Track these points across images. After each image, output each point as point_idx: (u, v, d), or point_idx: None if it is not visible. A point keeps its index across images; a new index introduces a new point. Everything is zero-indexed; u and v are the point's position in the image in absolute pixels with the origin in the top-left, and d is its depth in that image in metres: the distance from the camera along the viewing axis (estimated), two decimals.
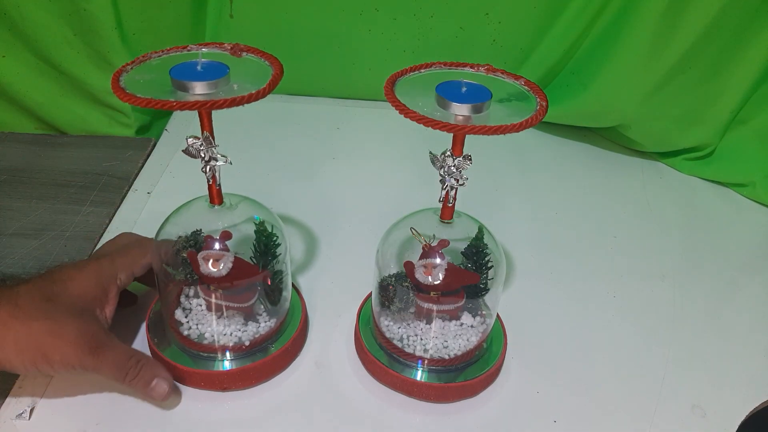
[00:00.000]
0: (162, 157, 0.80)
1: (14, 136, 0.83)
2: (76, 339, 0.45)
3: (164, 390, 0.48)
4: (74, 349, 0.45)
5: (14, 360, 0.45)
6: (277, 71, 0.45)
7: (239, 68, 0.45)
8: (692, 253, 0.72)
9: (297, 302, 0.58)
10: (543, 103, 0.45)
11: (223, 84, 0.43)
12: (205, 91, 0.43)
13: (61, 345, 0.45)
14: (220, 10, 0.86)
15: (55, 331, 0.45)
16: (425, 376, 0.53)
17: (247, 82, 0.43)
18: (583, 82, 0.81)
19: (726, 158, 0.84)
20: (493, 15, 0.83)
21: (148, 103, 0.41)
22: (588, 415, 0.53)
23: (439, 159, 0.46)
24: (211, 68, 0.44)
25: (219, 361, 0.52)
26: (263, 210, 0.53)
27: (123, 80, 0.43)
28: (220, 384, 0.52)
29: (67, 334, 0.45)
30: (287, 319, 0.56)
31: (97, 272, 0.50)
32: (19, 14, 0.76)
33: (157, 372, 0.48)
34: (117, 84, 0.42)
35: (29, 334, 0.44)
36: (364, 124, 0.90)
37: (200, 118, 0.45)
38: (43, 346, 0.45)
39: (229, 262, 0.49)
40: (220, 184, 0.48)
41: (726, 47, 0.75)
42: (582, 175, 0.84)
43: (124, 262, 0.51)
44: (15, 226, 0.68)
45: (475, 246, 0.52)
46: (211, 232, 0.50)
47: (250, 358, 0.53)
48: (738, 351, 0.60)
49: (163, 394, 0.48)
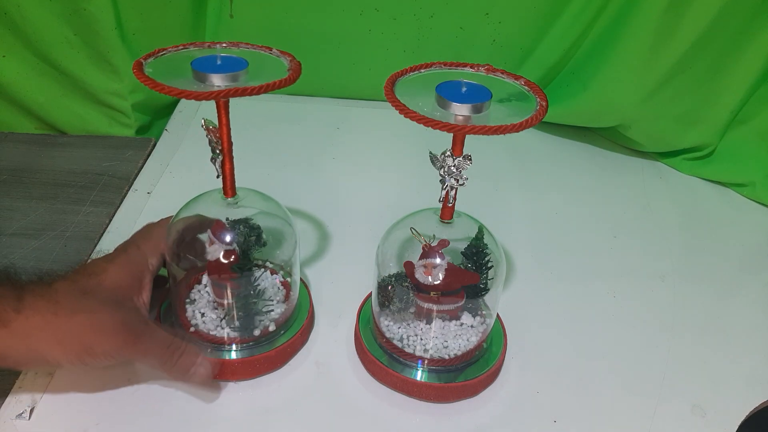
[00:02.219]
0: (162, 157, 0.80)
1: (14, 136, 0.83)
2: (115, 331, 0.46)
3: (203, 375, 0.49)
4: (115, 340, 0.46)
5: (59, 355, 0.45)
6: (295, 65, 0.47)
7: (257, 64, 0.47)
8: (692, 253, 0.72)
9: (305, 297, 0.59)
10: (543, 103, 0.45)
11: (242, 77, 0.44)
12: (226, 83, 0.44)
13: (103, 338, 0.46)
14: (220, 10, 0.86)
15: (96, 325, 0.46)
16: (425, 376, 0.53)
17: (266, 77, 0.45)
18: (583, 82, 0.81)
19: (726, 158, 0.84)
20: (493, 15, 0.83)
21: (179, 93, 0.42)
22: (588, 415, 0.53)
23: (439, 159, 0.46)
24: (230, 62, 0.45)
25: (225, 351, 0.53)
26: (274, 203, 0.54)
27: (146, 70, 0.44)
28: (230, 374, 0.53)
29: (107, 326, 0.46)
30: (294, 312, 0.56)
31: (127, 262, 0.50)
32: (19, 14, 0.76)
33: (195, 358, 0.49)
34: (141, 72, 0.43)
35: (71, 329, 0.45)
36: (364, 124, 0.90)
37: (218, 110, 0.46)
38: (85, 339, 0.45)
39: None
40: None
41: (726, 47, 0.75)
42: (582, 175, 0.84)
43: (151, 247, 0.52)
44: (15, 226, 0.68)
45: (475, 246, 0.52)
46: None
47: (258, 348, 0.53)
48: (738, 351, 0.60)
49: (203, 379, 0.49)
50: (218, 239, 0.50)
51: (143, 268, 0.51)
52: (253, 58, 0.47)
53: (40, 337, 0.44)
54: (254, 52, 0.49)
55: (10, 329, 0.44)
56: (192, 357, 0.49)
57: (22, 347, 0.44)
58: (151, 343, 0.48)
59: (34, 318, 0.44)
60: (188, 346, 0.49)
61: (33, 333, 0.44)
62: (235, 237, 0.50)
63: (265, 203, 0.53)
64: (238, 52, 0.48)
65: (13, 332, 0.44)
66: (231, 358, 0.52)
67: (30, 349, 0.44)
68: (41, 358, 0.45)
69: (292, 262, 0.54)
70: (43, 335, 0.44)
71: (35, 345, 0.44)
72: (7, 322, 0.44)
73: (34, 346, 0.44)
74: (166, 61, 0.47)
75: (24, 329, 0.44)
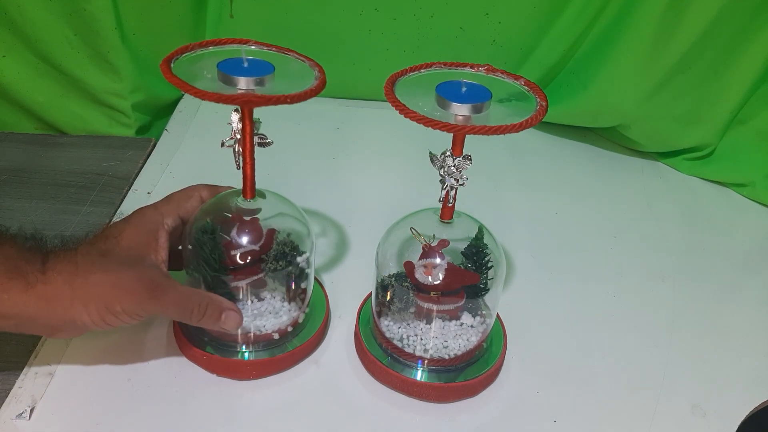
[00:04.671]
0: (162, 157, 0.80)
1: (14, 136, 0.83)
2: (134, 286, 0.47)
3: (236, 321, 0.50)
4: (134, 296, 0.46)
5: (83, 316, 0.46)
6: (320, 71, 0.48)
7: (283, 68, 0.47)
8: (692, 253, 0.72)
9: (321, 298, 0.59)
10: (543, 103, 0.45)
11: (269, 81, 0.45)
12: (252, 87, 0.45)
13: (122, 295, 0.46)
14: (220, 10, 0.86)
15: (114, 283, 0.46)
16: (425, 376, 0.53)
17: (291, 82, 0.45)
18: (583, 82, 0.81)
19: (726, 158, 0.84)
20: (493, 15, 0.83)
21: (212, 97, 0.42)
22: (588, 415, 0.53)
23: (439, 159, 0.46)
24: (256, 65, 0.46)
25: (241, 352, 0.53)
26: (291, 205, 0.54)
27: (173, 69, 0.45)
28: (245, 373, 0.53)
29: (125, 283, 0.46)
30: (309, 313, 0.57)
31: (142, 221, 0.51)
32: (19, 14, 0.76)
33: (223, 306, 0.50)
34: (169, 71, 0.44)
35: (90, 289, 0.46)
36: (364, 124, 0.90)
37: (243, 117, 0.47)
38: (104, 298, 0.46)
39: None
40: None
41: (726, 47, 0.75)
42: (582, 175, 0.84)
43: (168, 208, 0.53)
44: (15, 226, 0.68)
45: (475, 246, 0.52)
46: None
47: (275, 349, 0.54)
48: (738, 351, 0.60)
49: (235, 325, 0.50)
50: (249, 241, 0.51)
51: (158, 226, 0.51)
52: (278, 62, 0.47)
53: (63, 299, 0.45)
54: (277, 54, 0.50)
55: (36, 291, 0.44)
56: (219, 305, 0.50)
57: (47, 310, 0.45)
58: (174, 294, 0.48)
59: (57, 280, 0.45)
60: (212, 296, 0.50)
61: (56, 296, 0.45)
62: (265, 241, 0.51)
63: (283, 205, 0.54)
64: (259, 53, 0.49)
65: (38, 295, 0.45)
66: (246, 359, 0.53)
67: (55, 312, 0.45)
68: (69, 321, 0.46)
69: (309, 262, 0.55)
70: (66, 297, 0.45)
71: (59, 307, 0.45)
72: (33, 284, 0.44)
73: (58, 308, 0.45)
74: (190, 60, 0.47)
75: (47, 292, 0.45)
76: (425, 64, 0.48)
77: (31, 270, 0.45)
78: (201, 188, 0.55)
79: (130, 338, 0.55)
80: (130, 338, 0.55)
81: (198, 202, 0.54)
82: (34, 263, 0.45)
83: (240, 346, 0.53)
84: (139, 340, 0.55)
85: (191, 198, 0.54)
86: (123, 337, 0.55)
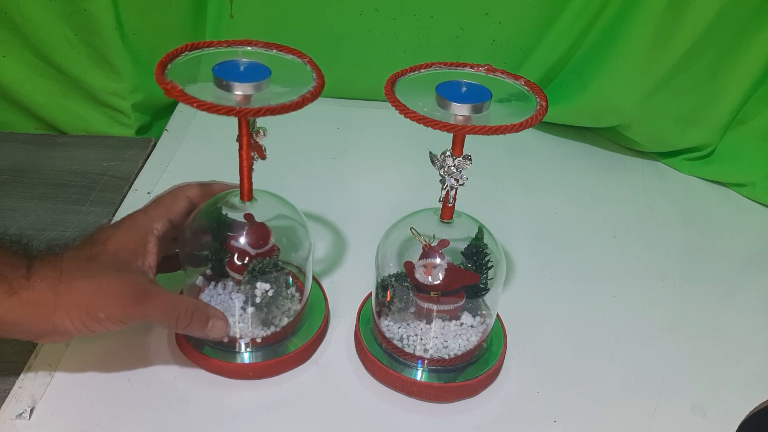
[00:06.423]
0: (162, 157, 0.80)
1: (14, 136, 0.83)
2: (118, 292, 0.46)
3: (222, 329, 0.50)
4: (118, 302, 0.46)
5: (65, 322, 0.45)
6: (318, 75, 0.47)
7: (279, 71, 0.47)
8: (692, 253, 0.72)
9: (320, 299, 0.59)
10: (543, 103, 0.45)
11: (264, 86, 0.45)
12: (248, 92, 0.44)
13: (105, 301, 0.46)
14: (220, 10, 0.86)
15: (97, 289, 0.46)
16: (425, 376, 0.53)
17: (289, 84, 0.45)
18: (583, 82, 0.81)
19: (726, 158, 0.84)
20: (493, 15, 0.83)
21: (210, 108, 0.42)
22: (588, 415, 0.53)
23: (439, 159, 0.46)
24: (253, 70, 0.46)
25: (240, 353, 0.53)
26: (289, 207, 0.54)
27: (167, 74, 0.44)
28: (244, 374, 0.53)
29: (110, 289, 0.46)
30: (306, 313, 0.57)
31: (131, 226, 0.50)
32: (19, 14, 0.76)
33: (209, 313, 0.50)
34: (163, 78, 0.43)
35: (73, 295, 0.45)
36: (364, 124, 0.90)
37: (239, 127, 0.47)
38: (87, 305, 0.45)
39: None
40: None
41: (726, 47, 0.75)
42: (582, 175, 0.84)
43: (158, 212, 0.52)
44: (15, 226, 0.68)
45: (475, 246, 0.52)
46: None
47: (276, 350, 0.54)
48: (738, 351, 0.60)
49: (222, 333, 0.51)
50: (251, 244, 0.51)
51: (147, 232, 0.50)
52: (272, 63, 0.47)
53: (46, 305, 0.45)
54: (276, 55, 0.49)
55: (19, 297, 0.44)
56: (205, 312, 0.49)
57: (31, 316, 0.45)
58: (159, 300, 0.47)
59: (41, 286, 0.45)
60: (198, 303, 0.50)
61: (39, 301, 0.44)
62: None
63: (281, 207, 0.54)
64: (254, 54, 0.48)
65: (22, 301, 0.44)
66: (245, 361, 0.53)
67: (38, 318, 0.45)
68: (53, 328, 0.45)
69: (307, 263, 0.54)
70: (49, 303, 0.45)
71: (43, 313, 0.45)
72: (17, 290, 0.44)
73: (42, 314, 0.45)
74: (186, 63, 0.47)
75: (31, 298, 0.44)
76: (425, 64, 0.48)
77: (15, 275, 0.44)
78: (188, 188, 0.54)
79: (130, 338, 0.55)
80: (130, 338, 0.55)
81: (187, 203, 0.53)
82: (19, 268, 0.45)
83: (239, 347, 0.53)
84: (139, 341, 0.55)
85: (180, 200, 0.53)
86: (123, 338, 0.55)
